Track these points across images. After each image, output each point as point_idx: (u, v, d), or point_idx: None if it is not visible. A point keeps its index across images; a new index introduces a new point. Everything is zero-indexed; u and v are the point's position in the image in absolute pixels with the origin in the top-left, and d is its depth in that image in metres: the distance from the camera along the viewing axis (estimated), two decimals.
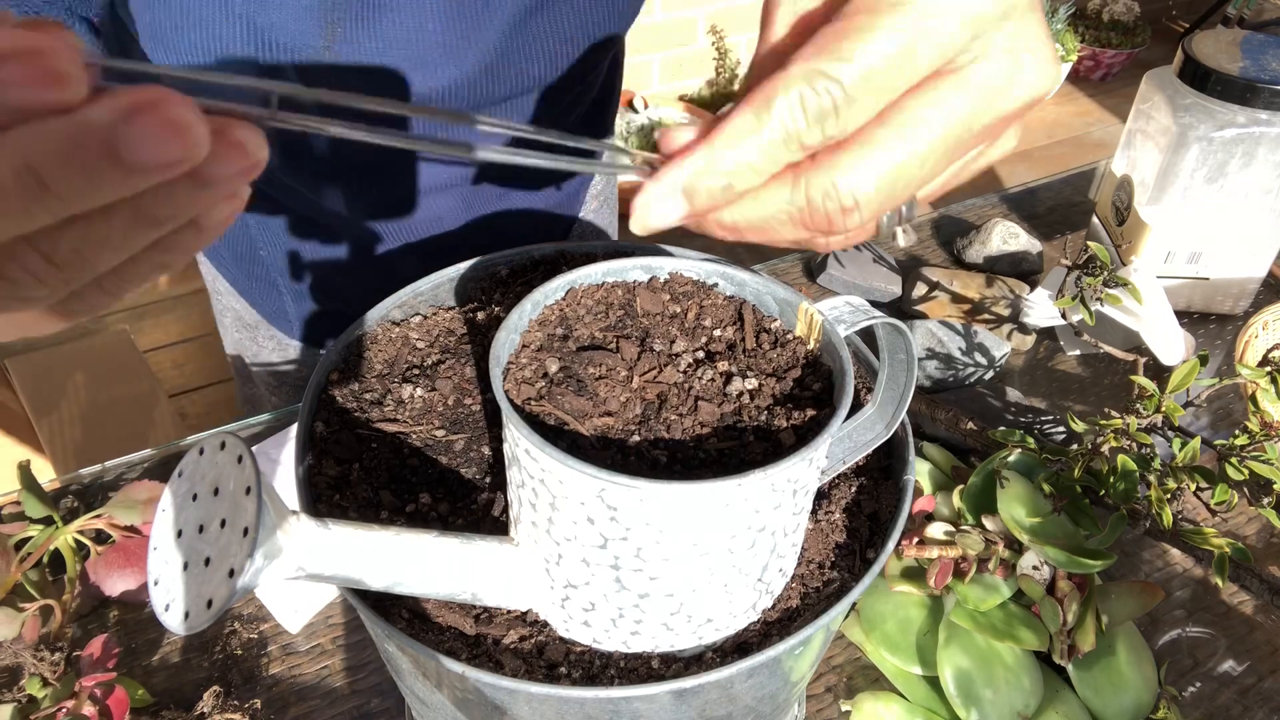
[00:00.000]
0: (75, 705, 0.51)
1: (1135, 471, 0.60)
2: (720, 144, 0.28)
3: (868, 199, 0.28)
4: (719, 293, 0.41)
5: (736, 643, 0.37)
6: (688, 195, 0.28)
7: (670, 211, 0.29)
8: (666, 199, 0.29)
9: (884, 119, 0.28)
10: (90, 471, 0.69)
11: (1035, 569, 0.57)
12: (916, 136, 0.27)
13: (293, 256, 0.75)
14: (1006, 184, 2.53)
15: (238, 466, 0.29)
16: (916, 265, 0.91)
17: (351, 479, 0.41)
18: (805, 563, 0.40)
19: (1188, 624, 0.62)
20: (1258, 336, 0.77)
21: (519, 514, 0.36)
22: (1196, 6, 3.37)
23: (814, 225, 0.29)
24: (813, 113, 0.26)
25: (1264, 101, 0.74)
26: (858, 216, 0.29)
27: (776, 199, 0.29)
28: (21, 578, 0.57)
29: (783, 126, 0.27)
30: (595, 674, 0.36)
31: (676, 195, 0.29)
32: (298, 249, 0.75)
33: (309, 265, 0.76)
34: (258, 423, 0.73)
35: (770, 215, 0.30)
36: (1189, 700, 0.58)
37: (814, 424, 0.35)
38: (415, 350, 0.47)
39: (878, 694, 0.57)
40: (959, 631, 0.56)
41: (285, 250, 0.75)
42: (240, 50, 0.55)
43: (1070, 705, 0.55)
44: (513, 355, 0.37)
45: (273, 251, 0.75)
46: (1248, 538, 0.68)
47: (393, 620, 0.36)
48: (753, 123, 0.27)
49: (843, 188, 0.28)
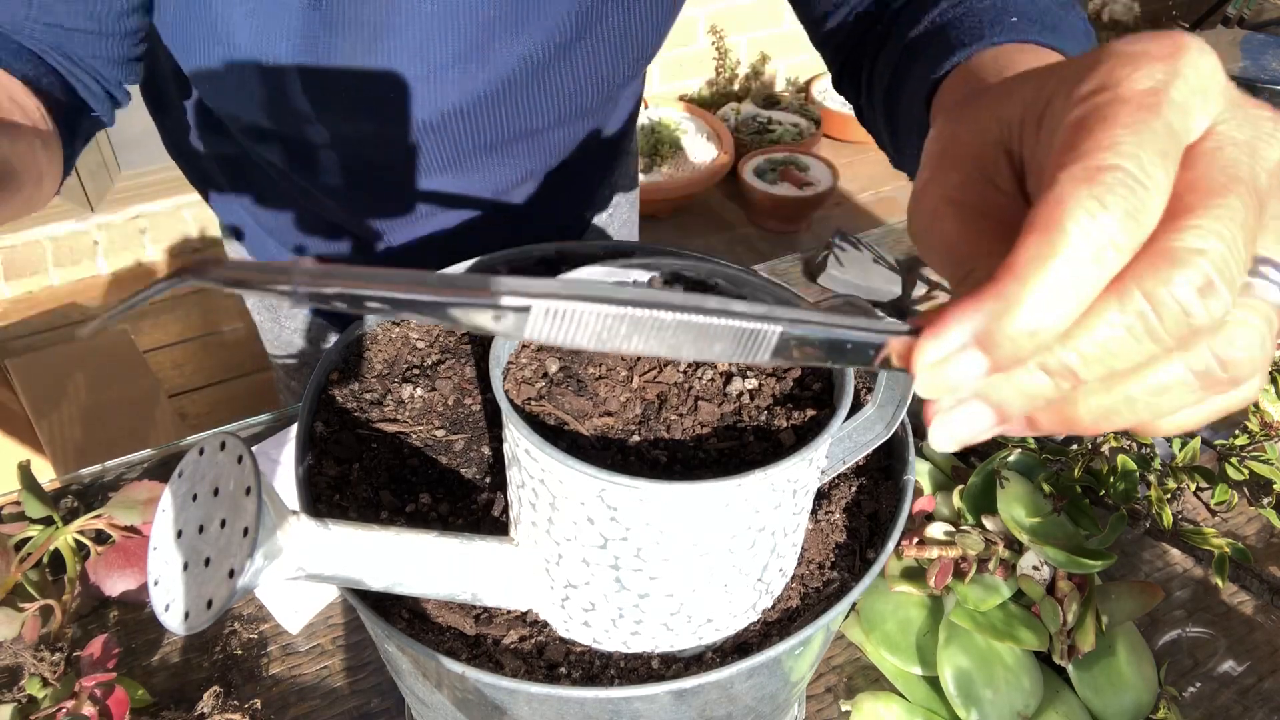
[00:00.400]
0: (75, 705, 0.51)
1: (1135, 471, 0.60)
2: (1020, 272, 0.21)
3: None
4: (719, 293, 0.41)
5: (736, 643, 0.37)
6: (984, 345, 0.22)
7: (966, 371, 0.22)
8: (959, 359, 0.22)
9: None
10: (90, 471, 0.69)
11: (1035, 569, 0.57)
12: None
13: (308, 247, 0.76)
14: None
15: (238, 466, 0.29)
16: (916, 265, 0.91)
17: (351, 479, 0.41)
18: (805, 563, 0.40)
19: (1188, 624, 0.62)
20: None
21: (519, 514, 0.36)
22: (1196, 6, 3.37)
23: (1215, 380, 0.23)
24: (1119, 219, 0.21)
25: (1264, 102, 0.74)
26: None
27: (1172, 371, 0.23)
28: (21, 578, 0.57)
29: (1087, 239, 0.21)
30: (595, 674, 0.36)
31: (970, 351, 0.22)
32: (312, 242, 0.76)
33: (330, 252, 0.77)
34: (258, 423, 0.73)
35: (1160, 384, 0.23)
36: (1189, 700, 0.58)
37: (814, 424, 0.35)
38: (415, 350, 0.47)
39: (878, 694, 0.57)
40: (959, 631, 0.56)
41: (302, 240, 0.76)
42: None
43: (1070, 705, 0.55)
44: (513, 355, 0.37)
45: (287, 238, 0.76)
46: (1248, 538, 0.68)
47: (393, 620, 0.36)
48: (1049, 245, 0.21)
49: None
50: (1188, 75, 0.22)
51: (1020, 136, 0.25)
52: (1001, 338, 0.21)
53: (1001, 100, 0.26)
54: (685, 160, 2.53)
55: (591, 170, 0.77)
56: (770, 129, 2.66)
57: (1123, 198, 0.21)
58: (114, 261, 2.30)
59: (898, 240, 0.97)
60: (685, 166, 2.51)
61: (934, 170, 0.28)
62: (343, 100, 0.57)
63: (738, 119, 2.69)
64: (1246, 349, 0.22)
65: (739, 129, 2.65)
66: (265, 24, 0.53)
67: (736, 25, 2.72)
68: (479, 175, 0.67)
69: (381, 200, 0.69)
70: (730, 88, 2.80)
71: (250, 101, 0.58)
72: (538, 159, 0.69)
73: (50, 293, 2.25)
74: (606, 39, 0.61)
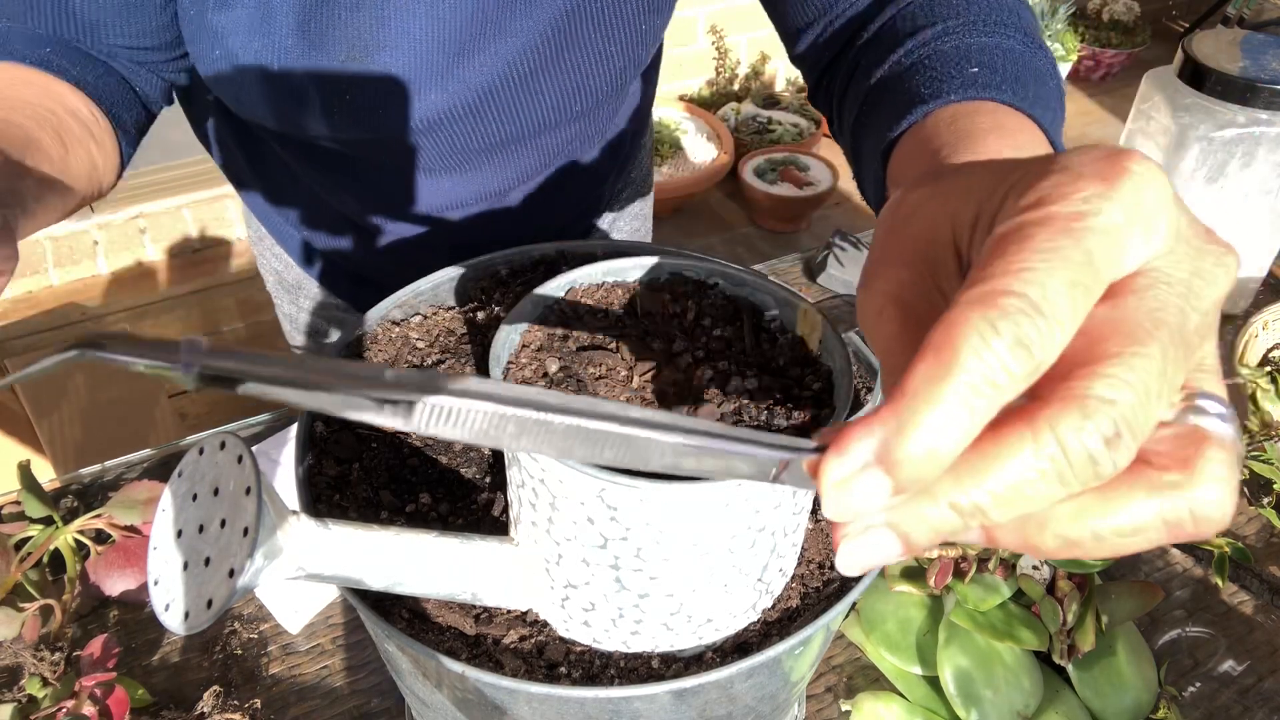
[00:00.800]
0: (75, 705, 0.51)
1: None
2: (910, 395, 0.21)
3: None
4: (719, 293, 0.41)
5: (736, 643, 0.37)
6: (884, 465, 0.21)
7: (871, 493, 0.22)
8: (862, 479, 0.22)
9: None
10: (90, 471, 0.69)
11: (1035, 569, 0.57)
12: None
13: (327, 238, 0.77)
14: None
15: (238, 466, 0.29)
16: None
17: (351, 479, 0.41)
18: (805, 563, 0.40)
19: (1188, 624, 0.62)
20: (1258, 336, 0.77)
21: (519, 514, 0.36)
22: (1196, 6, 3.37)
23: (1180, 530, 0.23)
24: (1014, 349, 0.21)
25: (1264, 101, 0.74)
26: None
27: (1145, 505, 0.23)
28: (21, 578, 0.57)
29: (981, 371, 0.21)
30: (595, 674, 0.36)
31: (872, 472, 0.22)
32: (335, 235, 0.76)
33: (343, 249, 0.77)
34: (258, 423, 0.73)
35: (1130, 526, 0.23)
36: (1189, 700, 0.58)
37: (814, 424, 0.35)
38: (415, 350, 0.47)
39: (878, 694, 0.57)
40: (959, 631, 0.56)
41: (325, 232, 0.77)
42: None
43: (1070, 705, 0.55)
44: (513, 355, 0.37)
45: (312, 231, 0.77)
46: (1248, 538, 0.68)
47: (393, 620, 0.36)
48: (940, 368, 0.21)
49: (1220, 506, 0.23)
50: (1124, 202, 0.22)
51: (970, 240, 0.25)
52: (900, 457, 0.21)
53: (957, 196, 0.26)
54: (685, 160, 2.53)
55: (595, 170, 0.77)
56: (770, 129, 2.66)
57: (1017, 325, 0.21)
58: (114, 261, 2.30)
59: None
60: (685, 166, 2.51)
61: (883, 252, 0.28)
62: (334, 108, 0.58)
63: (738, 119, 2.69)
64: (1219, 505, 0.23)
65: (739, 129, 2.65)
66: (257, 41, 0.55)
67: (736, 25, 2.72)
68: (477, 175, 0.68)
69: (383, 198, 0.69)
70: (730, 88, 2.80)
71: (251, 104, 0.59)
72: (537, 160, 0.69)
73: (50, 293, 2.25)
74: (588, 49, 0.61)
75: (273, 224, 0.81)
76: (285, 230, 0.80)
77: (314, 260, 0.82)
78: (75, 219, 2.25)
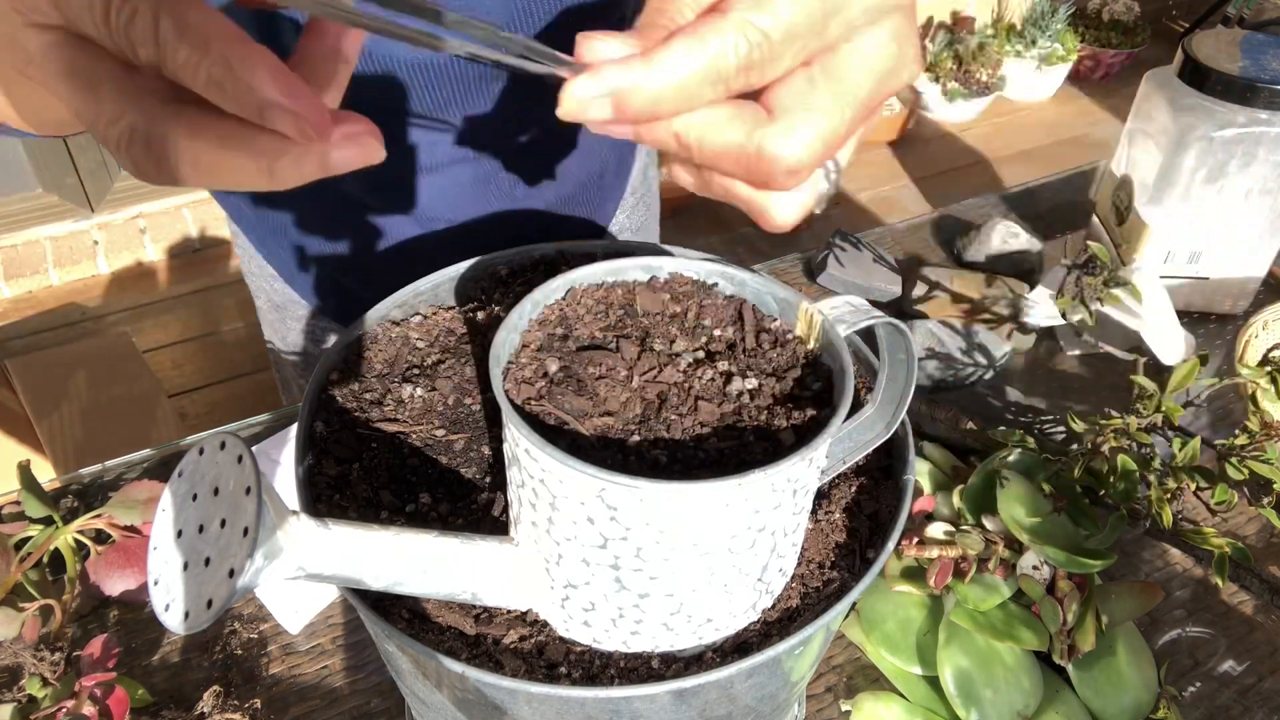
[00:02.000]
0: (75, 705, 0.51)
1: (1135, 471, 0.60)
2: (657, 65, 0.29)
3: (811, 162, 0.30)
4: (719, 293, 0.41)
5: (736, 643, 0.37)
6: (617, 102, 0.29)
7: (598, 113, 0.30)
8: (598, 101, 0.29)
9: (819, 86, 0.30)
10: (90, 471, 0.69)
11: (1035, 569, 0.57)
12: (849, 104, 0.30)
13: (317, 238, 0.76)
14: (1006, 184, 2.53)
15: (238, 466, 0.29)
16: (916, 265, 0.91)
17: (351, 479, 0.41)
18: (805, 563, 0.40)
19: (1188, 624, 0.62)
20: (1257, 336, 0.77)
21: (519, 514, 0.36)
22: (1196, 6, 3.37)
23: (755, 174, 0.31)
24: (742, 61, 0.29)
25: (1264, 101, 0.74)
26: (797, 179, 0.31)
27: (731, 132, 0.30)
28: (21, 578, 0.57)
29: (716, 67, 0.29)
30: (595, 674, 0.36)
31: (606, 100, 0.29)
32: (327, 232, 0.76)
33: (334, 250, 0.77)
34: (258, 423, 0.73)
35: (722, 144, 0.30)
36: (1189, 700, 0.58)
37: (814, 424, 0.35)
38: (415, 350, 0.47)
39: (878, 694, 0.57)
40: (959, 631, 0.56)
41: (314, 231, 0.76)
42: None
43: (1070, 705, 0.55)
44: (513, 355, 0.37)
45: (303, 232, 0.76)
46: (1248, 538, 0.68)
47: (393, 620, 0.36)
48: (688, 56, 0.29)
49: (789, 149, 0.30)
50: None
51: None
52: (631, 104, 0.29)
53: None
54: None
55: (598, 170, 0.77)
56: None
57: (751, 57, 0.29)
58: (114, 261, 2.30)
59: (898, 240, 0.97)
60: None
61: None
62: None
63: None
64: (790, 146, 0.30)
65: None
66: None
67: None
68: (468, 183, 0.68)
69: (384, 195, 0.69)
70: None
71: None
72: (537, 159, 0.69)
73: (50, 293, 2.25)
74: None
75: (259, 236, 0.79)
76: (275, 242, 0.79)
77: (306, 269, 0.81)
78: (75, 219, 2.25)
